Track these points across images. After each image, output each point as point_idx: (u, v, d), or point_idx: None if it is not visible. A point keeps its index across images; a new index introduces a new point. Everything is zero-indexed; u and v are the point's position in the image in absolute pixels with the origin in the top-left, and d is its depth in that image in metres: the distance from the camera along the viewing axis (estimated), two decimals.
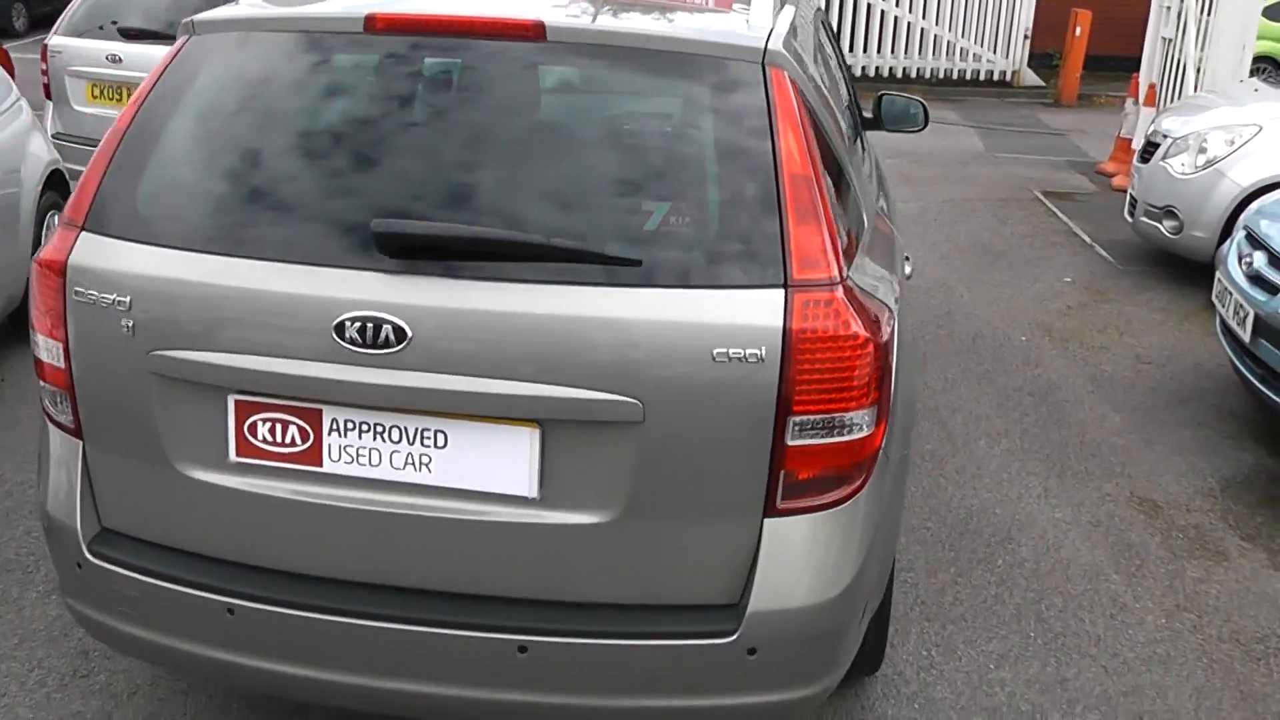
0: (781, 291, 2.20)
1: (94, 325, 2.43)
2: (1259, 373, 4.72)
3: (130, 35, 6.88)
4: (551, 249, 2.25)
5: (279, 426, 2.36)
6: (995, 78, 15.70)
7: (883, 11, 15.30)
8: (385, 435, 2.32)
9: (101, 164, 2.52)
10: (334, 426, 2.34)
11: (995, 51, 15.67)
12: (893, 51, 15.51)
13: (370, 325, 2.22)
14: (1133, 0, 15.48)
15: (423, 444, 2.31)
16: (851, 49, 15.13)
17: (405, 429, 2.31)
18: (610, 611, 2.35)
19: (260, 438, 2.38)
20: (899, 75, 15.50)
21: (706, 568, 2.33)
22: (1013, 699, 3.23)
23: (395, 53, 2.55)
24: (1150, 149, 7.25)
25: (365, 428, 2.33)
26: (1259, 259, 4.84)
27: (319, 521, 2.39)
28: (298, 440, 2.36)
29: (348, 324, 2.23)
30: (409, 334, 2.22)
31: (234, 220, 2.42)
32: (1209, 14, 9.32)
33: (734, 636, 2.30)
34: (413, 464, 2.33)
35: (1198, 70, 9.33)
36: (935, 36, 15.51)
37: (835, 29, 13.08)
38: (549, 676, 2.36)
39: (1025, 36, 15.40)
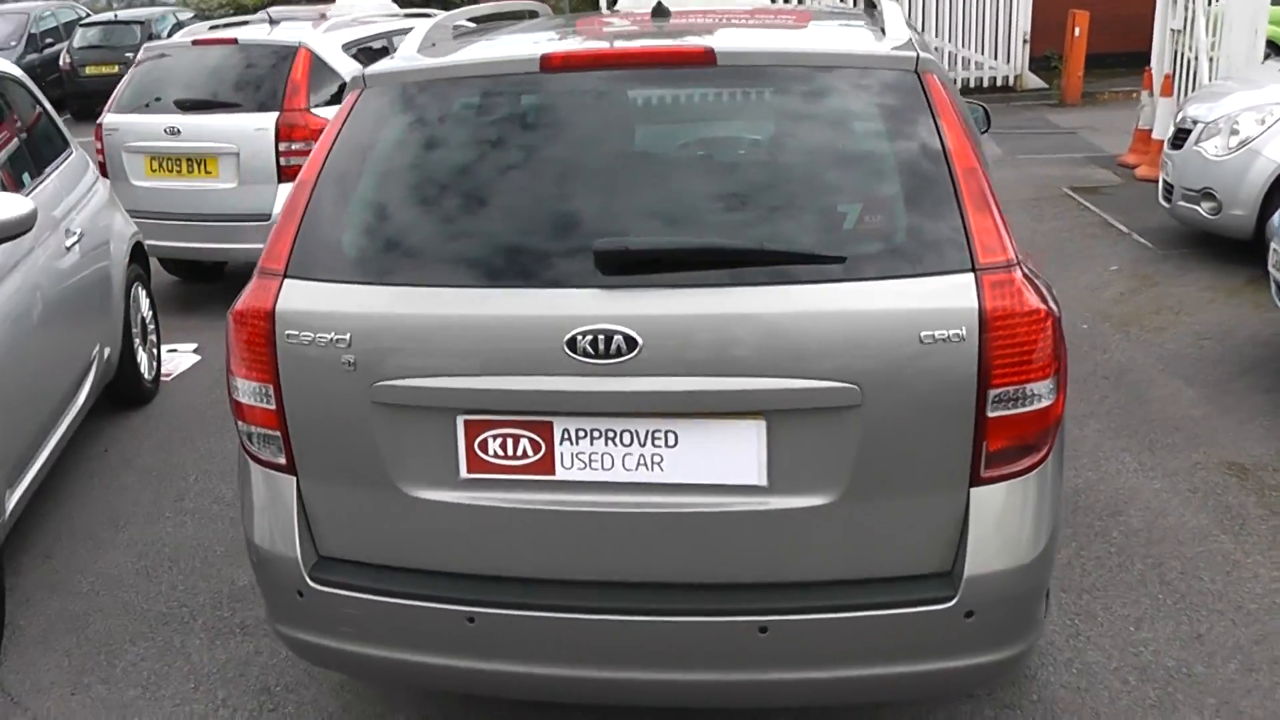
0: (971, 275, 2.43)
1: (310, 365, 2.60)
2: None
3: (187, 107, 7.16)
4: (762, 253, 2.49)
5: (510, 441, 2.55)
6: (998, 83, 16.03)
7: None
8: (617, 440, 2.52)
9: (294, 216, 2.72)
10: (565, 436, 2.53)
11: (996, 58, 16.00)
12: None
13: (602, 337, 2.42)
14: None
15: (654, 445, 2.51)
16: None
17: (636, 432, 2.51)
18: (839, 587, 2.53)
19: (491, 453, 2.56)
20: None
21: (922, 538, 2.53)
22: (1158, 656, 3.44)
23: (575, 88, 2.78)
24: (1181, 136, 7.52)
25: (597, 434, 2.52)
26: None
27: (554, 527, 2.57)
28: (529, 452, 2.55)
29: (579, 338, 2.43)
30: (639, 342, 2.42)
31: (449, 254, 2.63)
32: (1215, 3, 9.64)
33: (953, 601, 2.50)
34: (645, 464, 2.52)
35: (1210, 59, 9.63)
36: (935, 48, 15.83)
37: None
38: (789, 654, 2.54)
39: (1024, 41, 15.72)
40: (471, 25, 4.05)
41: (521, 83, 2.83)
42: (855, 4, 11.87)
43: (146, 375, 5.85)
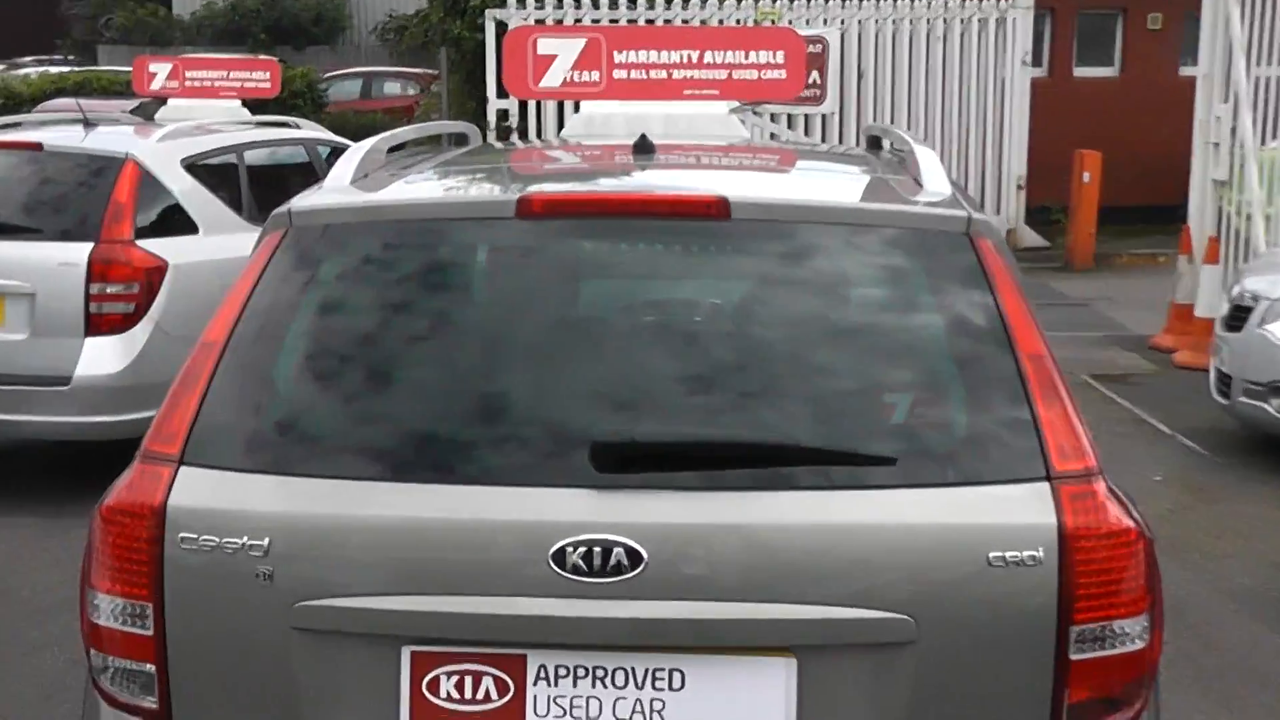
0: (1047, 485, 2.59)
1: (210, 578, 2.63)
2: None
3: None
4: (796, 451, 2.63)
5: (469, 680, 2.60)
6: None
7: None
8: (608, 680, 2.58)
9: (195, 386, 2.76)
10: (541, 674, 2.59)
11: (983, 208, 16.76)
12: None
13: (598, 550, 2.52)
14: (1145, 138, 16.79)
15: (654, 687, 2.58)
16: None
17: (633, 671, 2.58)
18: None
19: (444, 695, 2.60)
20: None
21: None
22: None
23: (556, 239, 2.94)
24: (1239, 315, 7.99)
25: (582, 673, 2.58)
26: None
27: None
28: (493, 695, 2.60)
29: (569, 550, 2.52)
30: (644, 557, 2.52)
31: (398, 440, 2.72)
32: (1268, 147, 10.28)
33: None
34: (642, 713, 2.58)
35: (1267, 216, 10.22)
36: None
37: None
38: None
39: (1019, 187, 16.54)
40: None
41: (493, 229, 2.98)
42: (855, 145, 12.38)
43: None
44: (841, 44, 15.57)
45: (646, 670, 2.59)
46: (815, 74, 14.16)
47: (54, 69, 27.87)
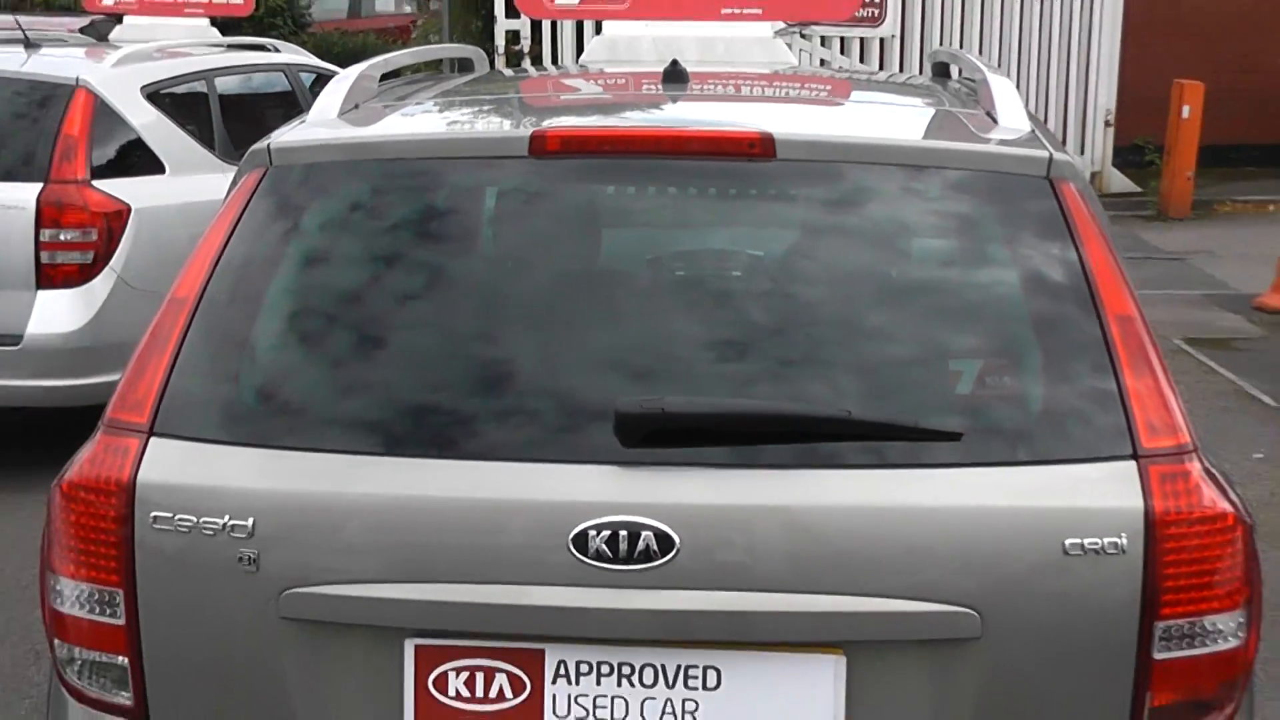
0: (1133, 464, 2.62)
1: (186, 562, 2.69)
2: None
3: None
4: (848, 424, 2.65)
5: (480, 676, 2.65)
6: None
7: None
8: (635, 678, 2.63)
9: (164, 347, 2.80)
10: (561, 671, 2.64)
11: (1066, 146, 16.71)
12: None
13: (624, 534, 2.56)
14: (1261, 62, 16.64)
15: (687, 687, 2.63)
16: None
17: (663, 668, 2.63)
18: None
19: (452, 693, 2.66)
20: None
21: None
22: None
23: (575, 181, 2.99)
24: None
25: (606, 670, 2.63)
26: None
27: None
28: (507, 693, 2.65)
29: (591, 534, 2.56)
30: (676, 542, 2.56)
31: (398, 408, 2.76)
32: None
33: None
34: (673, 714, 2.63)
35: None
36: None
37: None
38: None
39: (1107, 123, 16.47)
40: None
41: (503, 170, 3.03)
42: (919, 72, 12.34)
43: None
44: None
45: (678, 667, 2.63)
46: None
47: None
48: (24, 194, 7.00)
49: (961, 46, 15.49)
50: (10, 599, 5.77)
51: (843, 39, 15.38)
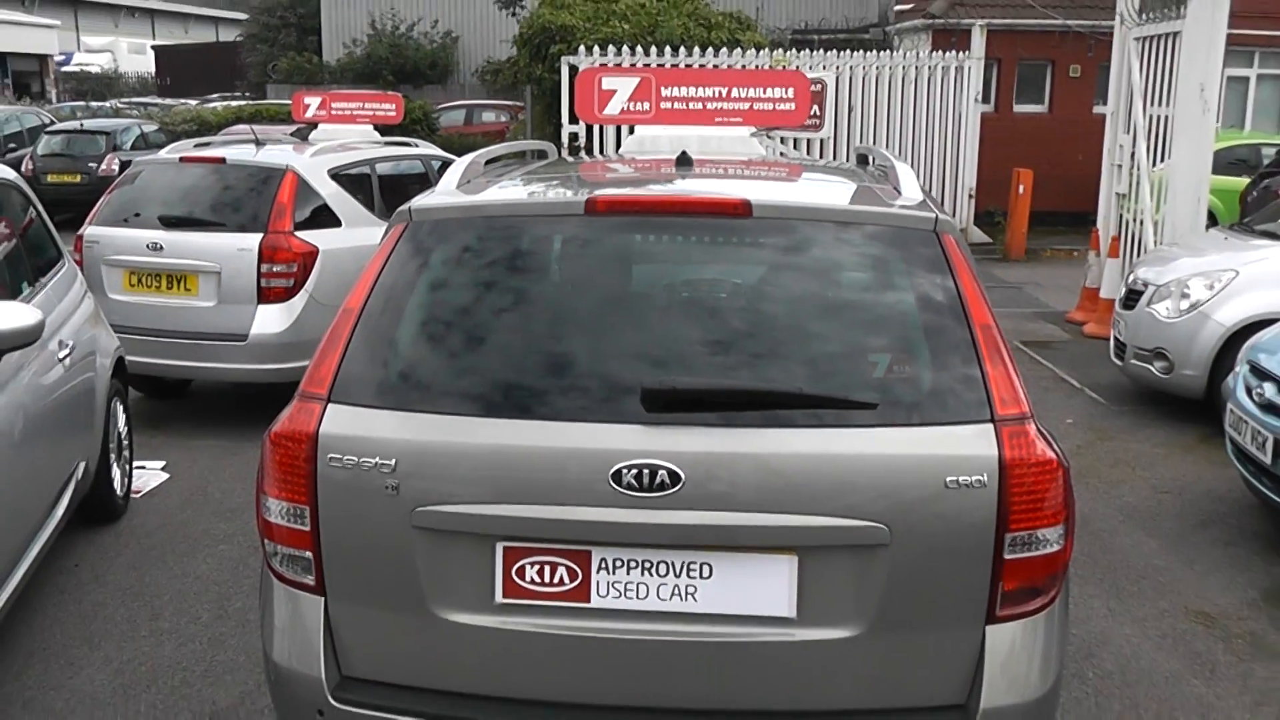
0: (991, 426, 2.62)
1: (351, 489, 2.69)
2: None
3: (170, 224, 7.27)
4: (800, 397, 2.66)
5: (548, 568, 2.66)
6: None
7: None
8: (653, 570, 2.64)
9: (339, 342, 2.82)
10: (603, 565, 2.65)
11: (943, 211, 16.64)
12: None
13: (646, 471, 2.56)
14: (1066, 159, 16.87)
15: (689, 576, 2.64)
16: None
17: (673, 563, 2.64)
18: (862, 716, 2.67)
19: (528, 579, 2.67)
20: None
21: (940, 672, 2.68)
22: None
23: (615, 231, 2.96)
24: (1133, 297, 7.95)
25: (634, 564, 2.64)
26: (1269, 389, 5.43)
27: (586, 653, 2.67)
28: (566, 580, 2.66)
29: (624, 471, 2.57)
30: (682, 477, 2.57)
31: (494, 385, 2.75)
32: (1158, 169, 10.28)
33: None
34: (679, 594, 2.64)
35: (1155, 223, 10.22)
36: None
37: None
38: None
39: (970, 196, 16.41)
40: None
41: (566, 224, 3.01)
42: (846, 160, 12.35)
43: (119, 491, 5.85)
44: (836, 85, 15.50)
45: (683, 563, 2.64)
46: (816, 108, 14.12)
47: (234, 103, 28.09)
48: (251, 241, 7.08)
49: (874, 145, 15.44)
50: (241, 513, 5.83)
51: (795, 139, 15.32)
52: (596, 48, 15.21)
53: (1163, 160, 10.45)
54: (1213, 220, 11.43)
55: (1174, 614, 4.85)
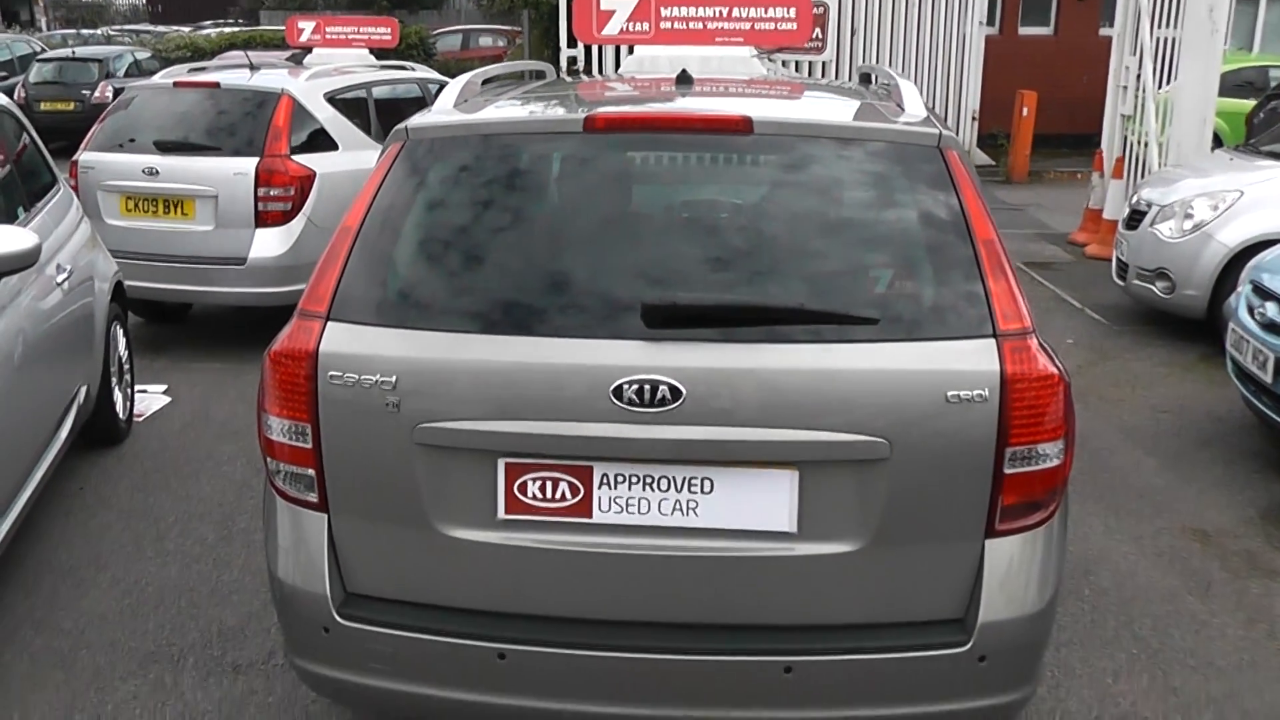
0: (993, 340, 2.59)
1: (351, 406, 2.67)
2: None
3: (166, 149, 7.21)
4: (801, 313, 2.64)
5: (549, 484, 2.65)
6: None
7: None
8: (654, 485, 2.63)
9: (337, 261, 2.78)
10: (604, 480, 2.64)
11: (947, 128, 16.50)
12: None
13: (648, 387, 2.54)
14: (1071, 82, 16.68)
15: (690, 491, 2.63)
16: None
17: (674, 478, 2.63)
18: (861, 630, 2.68)
19: (530, 495, 2.66)
20: None
21: (939, 586, 2.69)
22: (1135, 707, 3.64)
23: (614, 150, 2.92)
24: (1136, 217, 7.91)
25: (635, 480, 2.63)
26: (1271, 309, 5.42)
27: (588, 568, 2.67)
28: (568, 495, 2.65)
29: (625, 387, 2.54)
30: (683, 392, 2.55)
31: (495, 302, 2.72)
32: (1163, 90, 10.17)
33: (968, 646, 2.66)
34: (680, 509, 2.63)
35: (1160, 145, 10.14)
36: None
37: None
38: (812, 693, 2.67)
39: (973, 118, 16.23)
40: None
41: (565, 142, 2.96)
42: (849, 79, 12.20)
43: (121, 415, 5.87)
44: (839, 7, 15.26)
45: (684, 478, 2.63)
46: (818, 30, 13.92)
47: (228, 29, 27.75)
48: (248, 165, 7.04)
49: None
50: (243, 435, 5.85)
51: (797, 61, 15.10)
52: None
53: (1169, 82, 10.34)
54: (1218, 143, 11.31)
55: (1171, 532, 4.89)
